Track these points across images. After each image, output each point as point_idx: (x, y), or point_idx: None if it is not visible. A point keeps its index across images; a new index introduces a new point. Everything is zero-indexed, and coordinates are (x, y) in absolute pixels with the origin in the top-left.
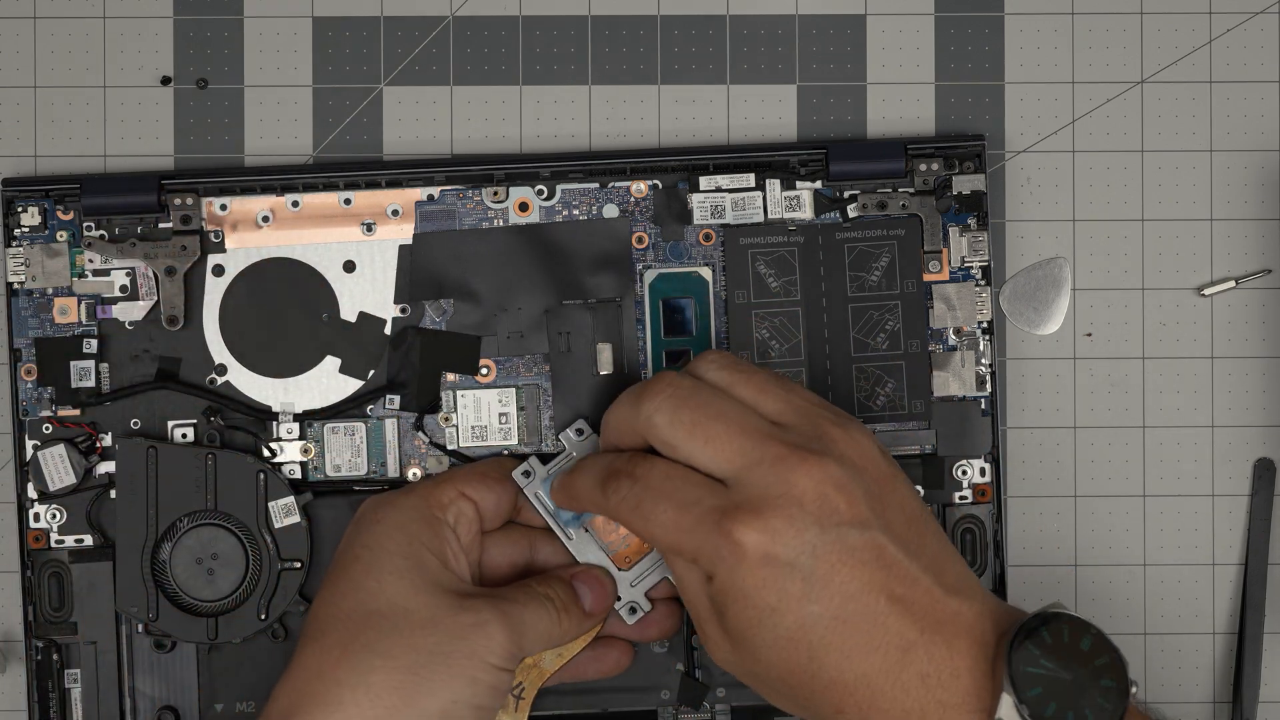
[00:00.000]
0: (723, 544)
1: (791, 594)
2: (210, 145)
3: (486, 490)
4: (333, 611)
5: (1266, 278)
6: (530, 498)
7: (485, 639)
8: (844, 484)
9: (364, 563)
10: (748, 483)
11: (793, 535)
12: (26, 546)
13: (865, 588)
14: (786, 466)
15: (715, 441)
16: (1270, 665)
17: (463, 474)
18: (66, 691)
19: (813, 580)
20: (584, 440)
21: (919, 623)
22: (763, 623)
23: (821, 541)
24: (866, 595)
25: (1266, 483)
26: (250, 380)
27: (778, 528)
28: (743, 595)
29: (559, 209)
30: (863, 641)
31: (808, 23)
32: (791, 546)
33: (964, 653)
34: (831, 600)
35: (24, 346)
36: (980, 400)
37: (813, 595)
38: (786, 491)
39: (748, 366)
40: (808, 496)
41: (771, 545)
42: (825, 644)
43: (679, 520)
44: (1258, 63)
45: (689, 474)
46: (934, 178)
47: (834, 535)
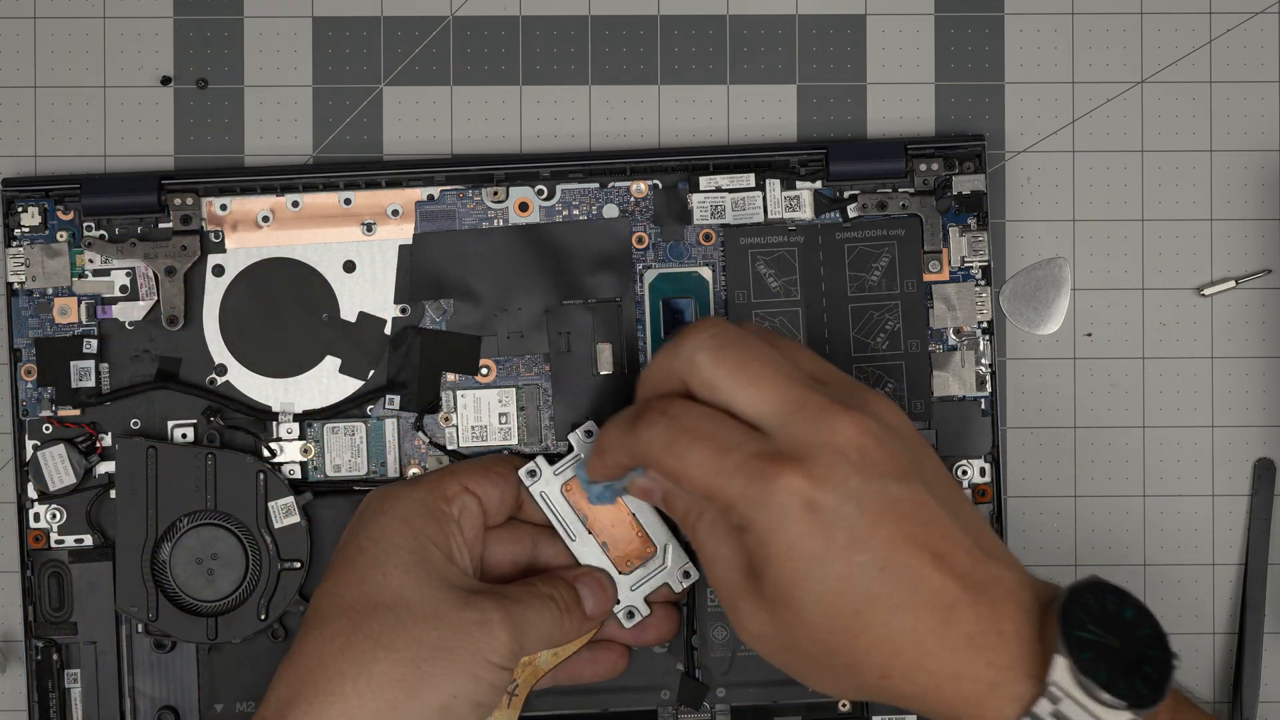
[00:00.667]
0: (765, 490)
1: (837, 542)
2: (210, 145)
3: (491, 486)
4: (336, 602)
5: (1266, 278)
6: (535, 497)
7: (489, 636)
8: (884, 438)
9: (369, 555)
10: (790, 430)
11: (837, 482)
12: (26, 546)
13: (908, 540)
14: (830, 415)
15: (759, 383)
16: (1270, 665)
17: (467, 468)
18: (66, 691)
19: (857, 529)
20: (592, 441)
21: (962, 581)
22: (807, 575)
23: (865, 490)
24: (910, 548)
25: (1266, 483)
26: (250, 380)
27: (822, 475)
28: (786, 545)
29: (559, 209)
30: (908, 596)
31: (808, 23)
32: (836, 494)
33: (1008, 615)
34: (878, 550)
35: (24, 346)
36: (980, 400)
37: (858, 543)
38: (829, 440)
39: (784, 336)
40: (850, 446)
41: (816, 492)
42: (871, 596)
43: (717, 462)
44: (1258, 63)
45: (727, 418)
46: (934, 178)
47: (877, 485)
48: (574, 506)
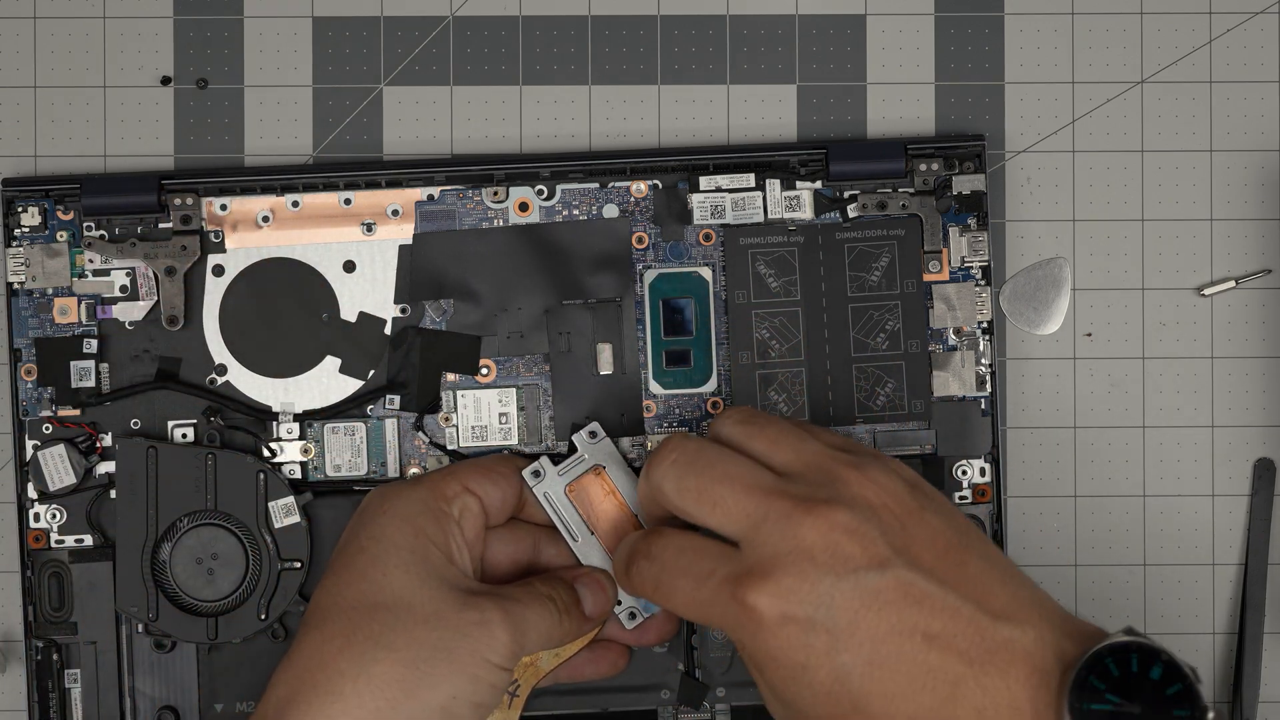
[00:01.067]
0: (739, 612)
1: (818, 649)
2: (210, 145)
3: (492, 486)
4: (336, 601)
5: (1266, 278)
6: (539, 498)
7: (489, 637)
8: (855, 528)
9: (369, 554)
10: (757, 543)
11: (807, 590)
12: (26, 546)
13: (895, 629)
14: (793, 521)
15: (721, 505)
16: (1270, 665)
17: (468, 468)
18: (66, 691)
19: (836, 632)
20: (597, 443)
21: (964, 655)
22: (797, 681)
23: (838, 591)
24: (899, 637)
25: (1266, 483)
26: (250, 380)
27: (790, 586)
28: (770, 658)
29: (559, 209)
30: (904, 683)
31: (808, 23)
32: (807, 602)
33: (1022, 682)
34: (861, 647)
35: (24, 346)
36: (980, 400)
37: (840, 646)
38: (795, 547)
39: (764, 418)
40: (817, 548)
41: (786, 605)
42: (865, 692)
43: (696, 595)
44: (1258, 63)
45: (702, 545)
46: (934, 178)
47: (850, 583)
48: (577, 507)
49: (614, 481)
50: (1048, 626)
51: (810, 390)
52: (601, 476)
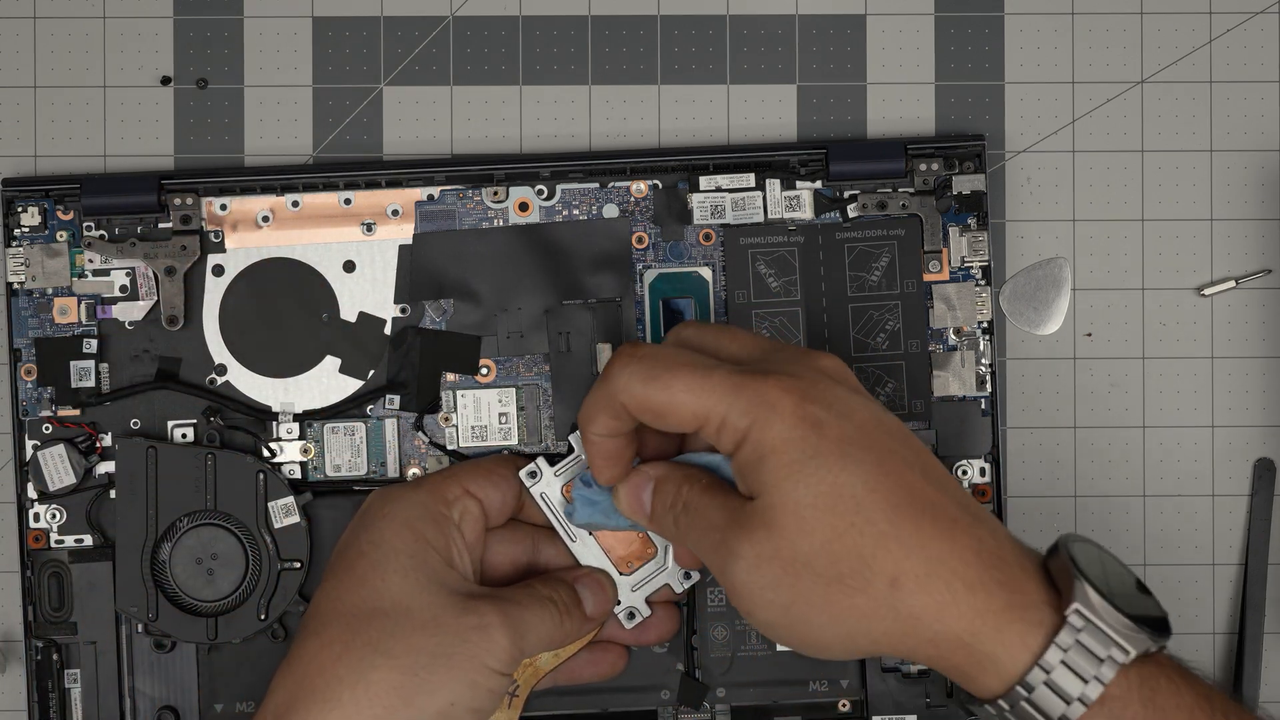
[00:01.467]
0: (755, 394)
1: (829, 437)
2: (210, 145)
3: (492, 488)
4: (335, 606)
5: (1266, 278)
6: (536, 498)
7: (488, 642)
8: (846, 377)
9: (369, 559)
10: (771, 361)
11: (825, 389)
12: (26, 546)
13: (897, 454)
14: (801, 352)
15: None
16: (1270, 665)
17: (468, 470)
18: (66, 691)
19: (847, 429)
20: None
21: (957, 503)
22: (803, 468)
23: (852, 401)
24: (900, 459)
25: (1266, 483)
26: (250, 380)
27: (810, 382)
28: (781, 440)
29: (559, 209)
30: (905, 497)
31: (808, 23)
32: (825, 398)
33: (1007, 543)
34: (869, 450)
35: (24, 346)
36: (980, 400)
37: (849, 440)
38: (811, 365)
39: (713, 325)
40: (830, 368)
41: (805, 397)
42: (870, 489)
43: (704, 382)
44: (1258, 63)
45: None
46: (934, 178)
47: (862, 399)
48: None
49: None
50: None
51: None
52: None
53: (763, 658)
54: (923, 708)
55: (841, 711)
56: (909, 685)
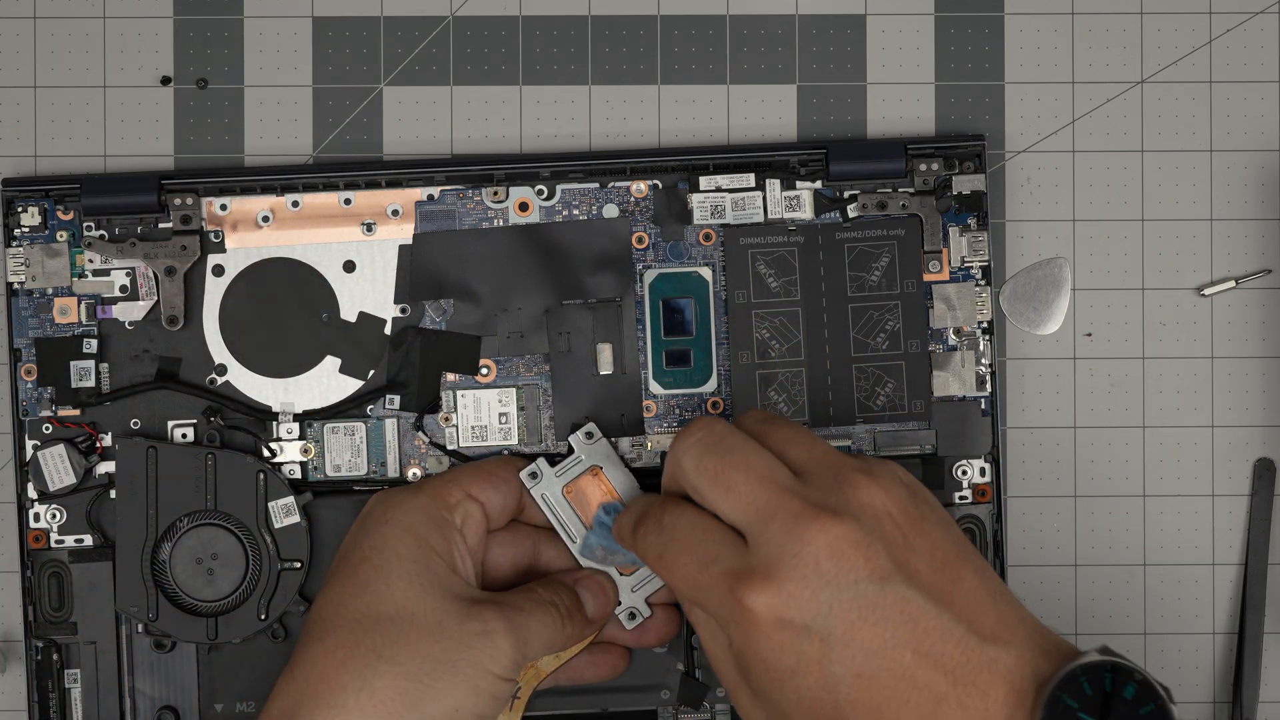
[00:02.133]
0: (736, 609)
1: (810, 656)
2: (210, 145)
3: (494, 491)
4: (339, 612)
5: (1266, 278)
6: (537, 499)
7: (492, 648)
8: (861, 540)
9: (372, 564)
10: (763, 540)
11: (808, 597)
12: (26, 546)
13: (888, 644)
14: (801, 524)
15: (735, 491)
16: (1270, 665)
17: (469, 473)
18: (66, 691)
19: (831, 641)
20: (593, 444)
21: (950, 675)
22: (784, 685)
23: (838, 601)
24: (891, 652)
25: (1266, 483)
26: (250, 380)
27: (791, 591)
28: (760, 659)
29: (559, 209)
30: (890, 697)
31: (808, 23)
32: (807, 610)
33: (1000, 702)
34: (853, 660)
35: (24, 346)
36: (980, 400)
37: (833, 656)
38: (801, 551)
39: (781, 419)
40: (822, 555)
41: (785, 609)
42: (851, 702)
43: (698, 578)
44: (1258, 63)
45: (712, 527)
46: (934, 178)
47: (851, 594)
48: (574, 508)
49: (610, 482)
50: (1029, 646)
51: (810, 390)
52: (599, 477)
53: None
54: None
55: None
56: None
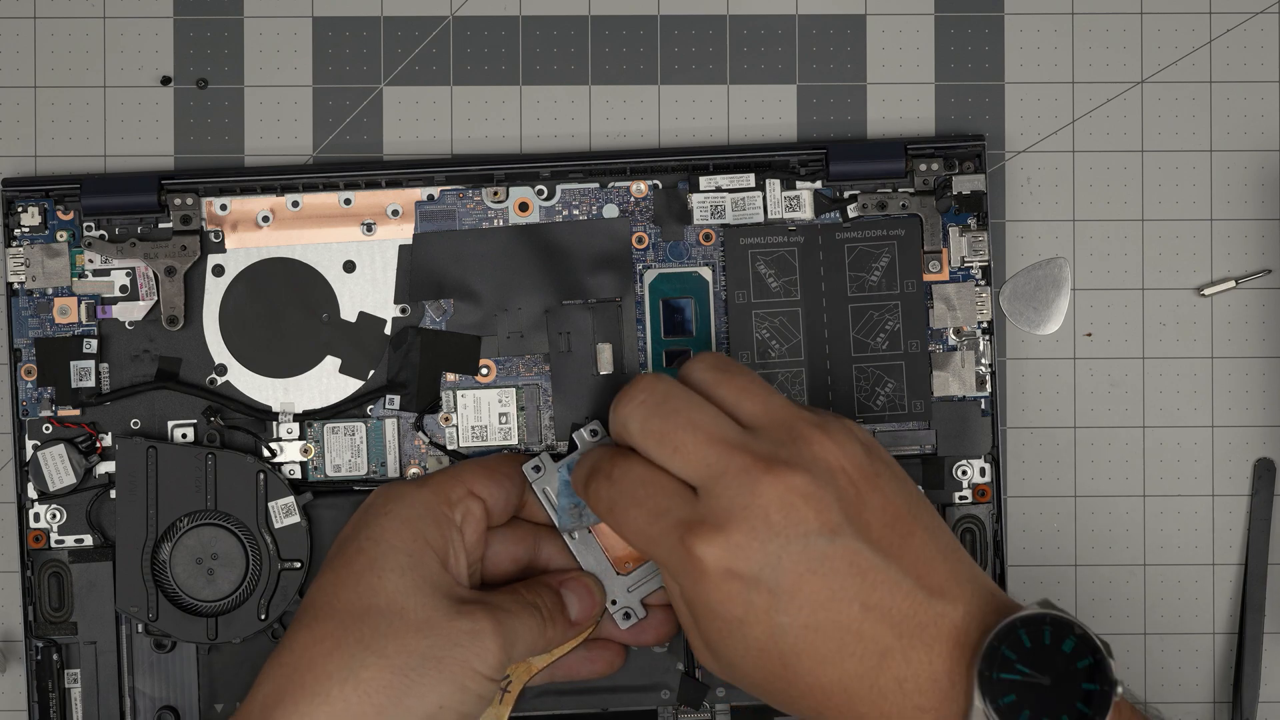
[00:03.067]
0: (685, 558)
1: (757, 606)
2: (210, 145)
3: (496, 487)
4: (330, 601)
5: (1266, 278)
6: (539, 494)
7: (479, 648)
8: (812, 493)
9: (368, 555)
10: (714, 494)
11: (756, 549)
12: (26, 546)
13: (836, 596)
14: (751, 477)
15: (682, 451)
16: (1270, 665)
17: (472, 469)
18: (66, 691)
19: (779, 592)
20: (597, 441)
21: (896, 628)
22: (732, 634)
23: (786, 553)
24: (838, 604)
25: (1266, 483)
26: (250, 380)
27: (739, 542)
28: (708, 609)
29: (559, 209)
30: (836, 648)
31: (808, 23)
32: (755, 560)
33: (944, 656)
34: (800, 610)
35: (24, 346)
36: (980, 400)
37: (780, 607)
38: (751, 503)
39: (734, 367)
40: (772, 507)
41: (733, 560)
42: (797, 652)
43: (647, 530)
44: (1258, 63)
45: (662, 480)
46: (934, 178)
47: (800, 545)
48: None
49: None
50: (977, 602)
51: (810, 390)
52: None
53: None
54: None
55: None
56: None
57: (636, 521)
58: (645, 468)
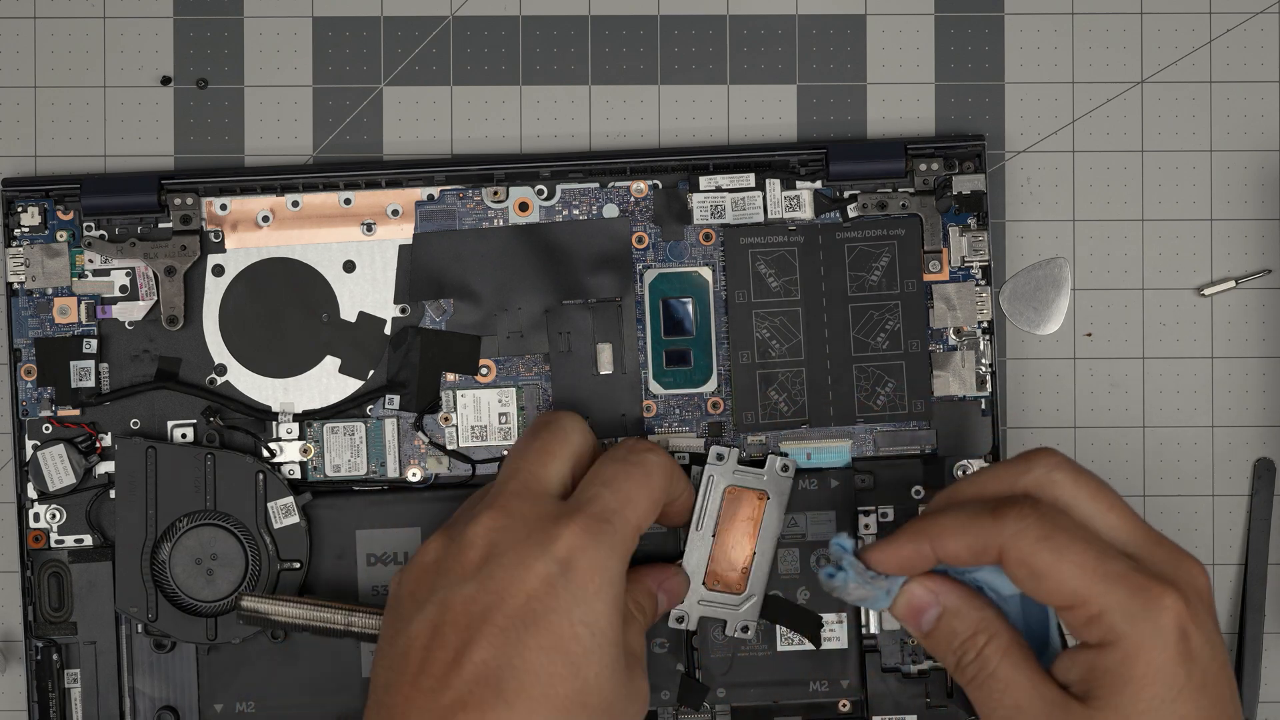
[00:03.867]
0: (1147, 606)
1: (1194, 679)
2: (210, 145)
3: (676, 587)
4: (547, 692)
5: (1266, 278)
6: (703, 475)
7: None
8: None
9: (585, 645)
10: (1156, 560)
11: (1202, 620)
12: (26, 546)
13: (1232, 711)
14: (1186, 558)
15: (1120, 509)
16: (1270, 665)
17: (660, 572)
18: (66, 691)
19: (1209, 672)
20: (785, 476)
21: None
22: (1161, 705)
23: (1216, 638)
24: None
25: (1266, 483)
26: (250, 380)
27: (1193, 609)
28: (1155, 667)
29: (559, 209)
30: None
31: (808, 23)
32: (1202, 632)
33: None
34: (1213, 703)
35: (24, 346)
36: (980, 400)
37: (1206, 688)
38: (1191, 579)
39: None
40: (1205, 590)
41: (1189, 623)
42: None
43: (1101, 566)
44: (1258, 63)
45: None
46: (934, 178)
47: (1216, 632)
48: (722, 508)
49: (764, 515)
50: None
51: (810, 390)
52: (761, 502)
53: (763, 658)
54: (923, 708)
55: (842, 711)
56: (909, 685)
57: (1083, 556)
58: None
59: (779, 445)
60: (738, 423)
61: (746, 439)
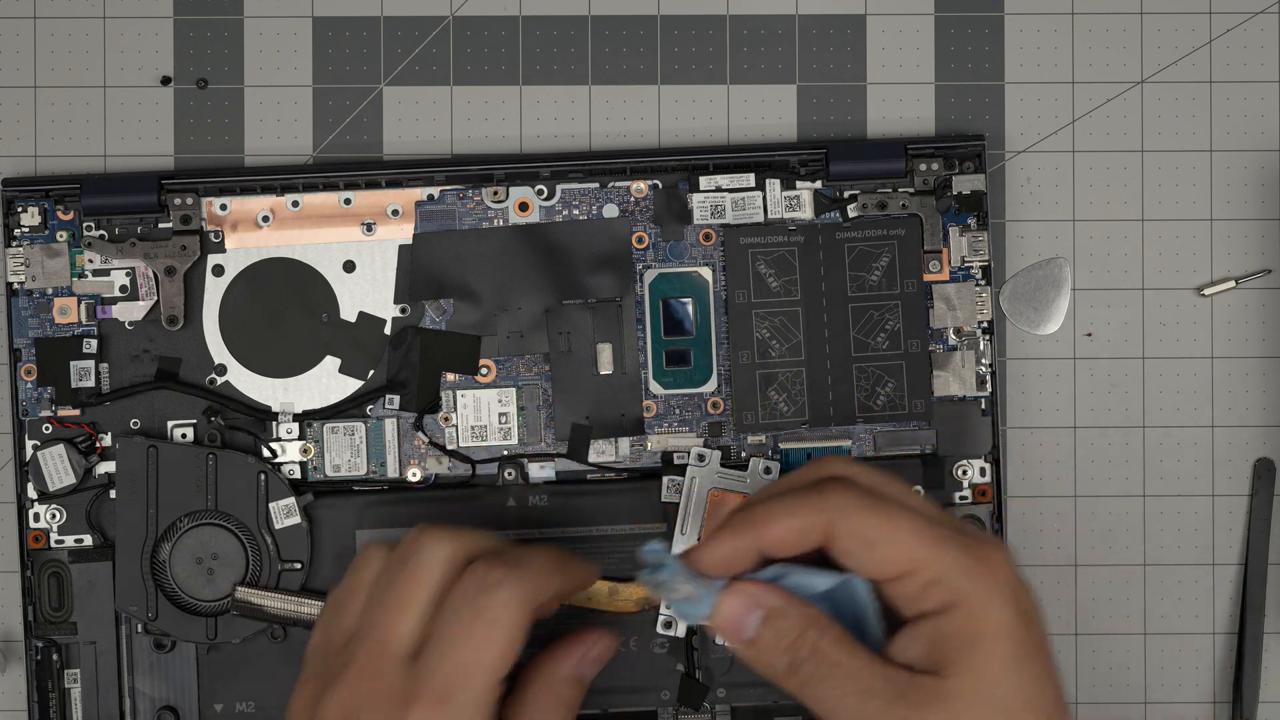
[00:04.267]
0: (982, 563)
1: (1034, 636)
2: (210, 145)
3: None
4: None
5: (1266, 278)
6: (687, 479)
7: None
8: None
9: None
10: (963, 529)
11: (1022, 576)
12: (26, 546)
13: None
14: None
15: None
16: (1270, 665)
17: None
18: (66, 691)
19: (1040, 638)
20: (769, 478)
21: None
22: (1019, 671)
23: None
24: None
25: (1266, 483)
26: (250, 380)
27: (1015, 565)
28: (1002, 621)
29: (559, 209)
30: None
31: (808, 23)
32: (1027, 588)
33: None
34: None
35: (24, 346)
36: (980, 400)
37: (1043, 642)
38: (998, 544)
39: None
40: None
41: (1020, 581)
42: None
43: (931, 529)
44: (1258, 63)
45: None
46: (934, 178)
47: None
48: (706, 510)
49: None
50: None
51: (810, 390)
52: None
53: None
54: None
55: None
56: None
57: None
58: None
59: (779, 445)
60: (738, 423)
61: (746, 439)
